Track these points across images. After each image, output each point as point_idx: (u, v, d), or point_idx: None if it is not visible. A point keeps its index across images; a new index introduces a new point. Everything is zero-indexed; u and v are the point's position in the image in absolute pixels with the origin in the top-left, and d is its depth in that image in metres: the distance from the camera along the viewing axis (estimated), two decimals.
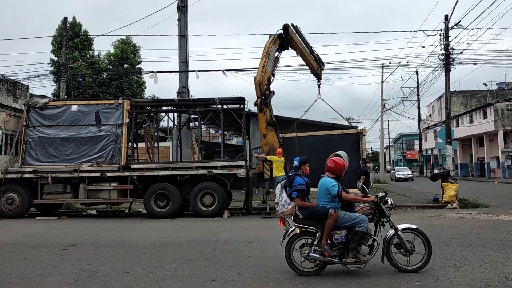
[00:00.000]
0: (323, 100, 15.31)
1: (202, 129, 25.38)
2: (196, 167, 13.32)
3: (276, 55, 14.21)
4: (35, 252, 7.72)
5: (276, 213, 6.36)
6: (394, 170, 42.93)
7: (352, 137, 14.92)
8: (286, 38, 14.18)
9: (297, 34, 14.36)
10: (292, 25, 14.29)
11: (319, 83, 15.62)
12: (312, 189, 6.16)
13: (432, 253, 5.88)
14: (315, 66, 15.03)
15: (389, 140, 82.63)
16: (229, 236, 9.21)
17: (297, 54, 14.62)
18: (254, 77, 13.61)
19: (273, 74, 14.12)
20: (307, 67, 15.37)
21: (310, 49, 14.80)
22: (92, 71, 27.28)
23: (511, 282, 5.26)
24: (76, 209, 15.94)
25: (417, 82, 47.87)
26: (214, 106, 14.36)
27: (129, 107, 13.92)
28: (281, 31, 14.09)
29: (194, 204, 13.03)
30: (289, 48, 14.53)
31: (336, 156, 6.09)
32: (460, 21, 16.99)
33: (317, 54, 15.08)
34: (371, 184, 15.32)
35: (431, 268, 5.94)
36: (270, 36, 14.23)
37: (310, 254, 5.63)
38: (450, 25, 17.25)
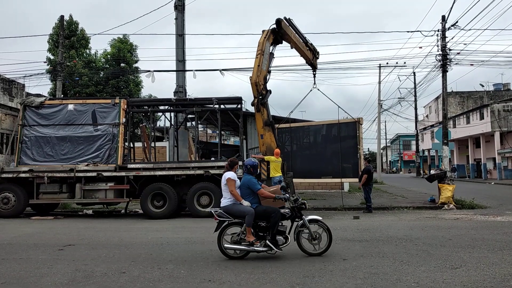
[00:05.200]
0: (318, 90, 15.35)
1: (199, 129, 25.35)
2: (193, 167, 13.30)
3: (270, 50, 14.14)
4: (31, 252, 7.68)
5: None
6: None
7: (349, 126, 14.68)
8: (280, 33, 14.10)
9: (290, 27, 14.28)
10: (285, 18, 14.22)
11: (314, 73, 15.63)
12: (309, 180, 7.14)
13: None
14: (310, 56, 15.01)
15: (386, 141, 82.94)
16: None
17: (292, 47, 14.58)
18: (250, 77, 13.58)
19: (269, 72, 14.06)
20: (303, 61, 15.41)
21: (304, 40, 14.77)
22: (89, 70, 27.22)
23: (507, 283, 5.27)
24: (72, 209, 15.88)
25: (414, 83, 48.05)
26: (211, 106, 14.34)
27: (125, 107, 13.89)
28: (274, 26, 14.01)
29: (191, 204, 13.00)
30: (283, 41, 14.47)
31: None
32: (457, 22, 17.03)
33: (311, 44, 15.05)
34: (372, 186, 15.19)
35: (427, 269, 5.95)
36: (263, 32, 14.05)
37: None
38: (447, 25, 17.28)
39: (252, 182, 6.99)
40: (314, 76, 15.59)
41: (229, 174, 7.09)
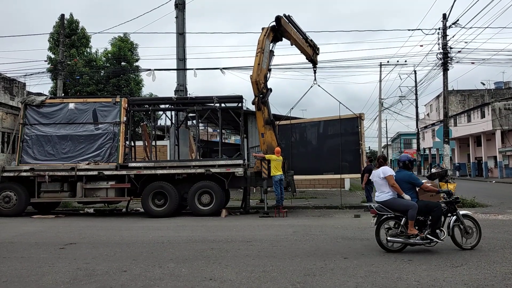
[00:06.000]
0: (319, 86, 15.34)
1: (200, 128, 25.34)
2: (194, 165, 13.30)
3: (270, 48, 14.09)
4: (32, 250, 7.69)
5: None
6: None
7: (350, 122, 14.60)
8: (280, 30, 14.03)
9: (290, 24, 14.22)
10: (285, 15, 14.16)
11: (315, 69, 15.59)
12: (310, 176, 7.54)
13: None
14: (310, 52, 14.96)
15: (387, 139, 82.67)
16: (226, 235, 9.20)
17: (292, 44, 14.52)
18: (251, 76, 13.55)
19: (269, 70, 14.01)
20: (303, 59, 15.40)
21: (304, 36, 14.73)
22: (90, 69, 27.21)
23: (508, 282, 5.27)
24: (73, 208, 15.91)
25: (415, 81, 47.78)
26: (212, 104, 14.32)
27: (126, 105, 13.89)
28: (274, 23, 13.96)
29: (192, 203, 13.01)
30: (283, 39, 14.42)
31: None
32: (458, 20, 17.00)
33: (311, 40, 14.99)
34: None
35: (428, 268, 5.96)
36: (263, 29, 13.97)
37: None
38: (448, 23, 17.27)
39: (414, 177, 7.19)
40: (315, 72, 15.56)
41: (387, 169, 7.23)
